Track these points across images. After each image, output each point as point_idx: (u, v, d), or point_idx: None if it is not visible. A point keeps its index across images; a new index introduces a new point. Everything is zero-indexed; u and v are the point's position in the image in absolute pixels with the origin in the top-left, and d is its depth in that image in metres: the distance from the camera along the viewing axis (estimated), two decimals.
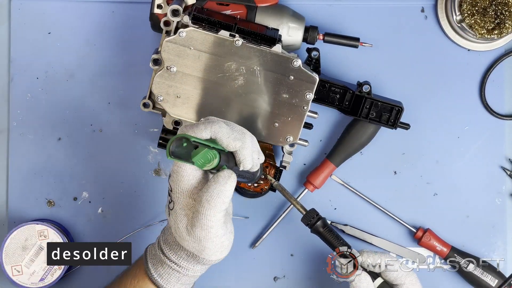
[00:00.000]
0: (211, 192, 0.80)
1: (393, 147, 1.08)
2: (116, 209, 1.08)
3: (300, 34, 1.00)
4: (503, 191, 1.08)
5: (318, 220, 0.92)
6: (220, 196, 0.80)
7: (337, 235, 0.93)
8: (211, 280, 1.08)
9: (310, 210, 0.93)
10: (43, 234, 1.02)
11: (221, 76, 0.95)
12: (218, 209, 0.80)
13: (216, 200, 0.80)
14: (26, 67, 1.08)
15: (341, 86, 1.00)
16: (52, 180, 1.08)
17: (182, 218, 0.82)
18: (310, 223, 0.93)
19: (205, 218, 0.80)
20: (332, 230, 0.93)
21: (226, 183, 0.80)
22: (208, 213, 0.80)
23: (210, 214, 0.80)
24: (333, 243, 0.92)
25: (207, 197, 0.80)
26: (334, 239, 0.92)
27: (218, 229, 0.81)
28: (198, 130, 0.81)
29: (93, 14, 1.07)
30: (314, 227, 0.93)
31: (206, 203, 0.80)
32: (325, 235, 0.92)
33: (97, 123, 1.08)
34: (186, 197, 0.82)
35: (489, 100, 1.08)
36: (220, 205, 0.80)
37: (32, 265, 1.02)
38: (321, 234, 0.93)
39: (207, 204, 0.80)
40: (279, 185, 0.95)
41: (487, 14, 1.02)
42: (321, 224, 0.92)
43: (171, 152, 0.78)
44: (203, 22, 0.93)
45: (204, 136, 0.81)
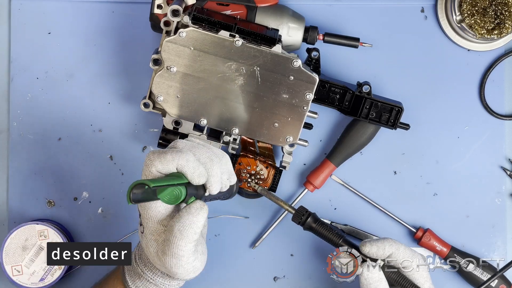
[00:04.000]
0: (183, 223, 0.80)
1: (393, 147, 1.08)
2: (116, 209, 1.08)
3: (300, 34, 1.00)
4: (503, 191, 1.08)
5: (308, 217, 0.93)
6: (192, 227, 0.80)
7: (330, 228, 0.93)
8: (211, 280, 1.08)
9: (299, 208, 0.94)
10: (43, 234, 1.02)
11: (221, 76, 0.95)
12: (189, 239, 0.80)
13: (188, 230, 0.80)
14: (26, 67, 1.08)
15: (341, 86, 1.00)
16: (52, 180, 1.08)
17: (152, 243, 0.83)
18: (301, 221, 0.93)
19: (176, 248, 0.80)
20: (325, 223, 0.93)
21: (198, 214, 0.81)
22: (180, 243, 0.80)
23: (181, 244, 0.80)
24: (328, 237, 0.92)
25: (179, 227, 0.80)
26: (328, 231, 0.92)
27: (189, 257, 0.81)
28: (165, 161, 0.81)
29: (93, 14, 1.07)
30: (306, 224, 0.93)
31: (178, 233, 0.80)
32: (318, 229, 0.93)
33: (97, 123, 1.08)
34: (155, 223, 0.83)
35: (489, 100, 1.08)
36: (192, 235, 0.80)
37: (32, 265, 1.02)
38: (314, 229, 0.93)
39: (179, 234, 0.80)
40: (264, 190, 0.97)
41: (487, 14, 1.02)
42: (312, 220, 0.93)
43: (132, 199, 0.77)
44: (203, 22, 0.93)
45: (171, 168, 0.81)
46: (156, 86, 0.96)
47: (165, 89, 0.96)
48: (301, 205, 0.94)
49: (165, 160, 0.81)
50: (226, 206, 1.07)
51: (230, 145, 1.01)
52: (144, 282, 0.87)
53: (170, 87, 0.96)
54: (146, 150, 1.08)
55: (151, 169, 0.81)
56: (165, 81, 0.95)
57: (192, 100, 0.96)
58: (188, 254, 0.81)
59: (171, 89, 0.96)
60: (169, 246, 0.81)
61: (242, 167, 1.02)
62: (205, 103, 0.96)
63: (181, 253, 0.81)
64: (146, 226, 0.83)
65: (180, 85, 0.95)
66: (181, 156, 0.81)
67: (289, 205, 0.95)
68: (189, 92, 0.96)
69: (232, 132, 0.98)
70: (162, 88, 0.96)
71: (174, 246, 0.80)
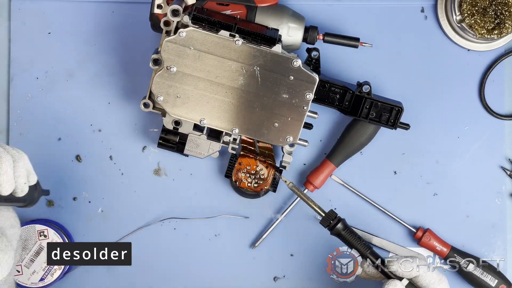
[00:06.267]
0: None
1: (393, 147, 1.08)
2: (116, 209, 1.08)
3: (300, 34, 1.00)
4: (503, 191, 1.08)
5: (338, 222, 0.90)
6: None
7: (358, 237, 0.90)
8: (211, 280, 1.08)
9: (329, 212, 0.92)
10: (43, 234, 1.02)
11: (221, 76, 0.95)
12: None
13: None
14: (26, 67, 1.08)
15: (341, 86, 1.00)
16: (52, 180, 1.08)
17: None
18: (329, 226, 0.91)
19: None
20: (353, 231, 0.90)
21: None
22: None
23: None
24: (356, 246, 0.90)
25: None
26: (357, 241, 0.90)
27: None
28: None
29: (93, 14, 1.07)
30: (335, 230, 0.90)
31: None
32: (346, 237, 0.90)
33: (97, 123, 1.08)
34: None
35: (489, 100, 1.08)
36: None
37: (32, 265, 1.02)
38: (342, 236, 0.90)
39: None
40: (295, 187, 0.93)
41: (487, 14, 1.02)
42: (341, 227, 0.90)
43: None
44: (203, 22, 0.93)
45: None
46: (156, 86, 0.96)
47: (165, 89, 0.96)
48: (331, 209, 0.92)
49: None
50: (226, 206, 1.07)
51: (230, 145, 1.01)
52: None
53: (170, 87, 0.96)
54: (146, 150, 1.08)
55: None
56: (165, 81, 0.95)
57: (192, 100, 0.96)
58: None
59: (171, 89, 0.96)
60: None
61: (242, 167, 1.02)
62: (205, 103, 0.96)
63: None
64: None
65: (180, 85, 0.95)
66: None
67: (318, 206, 0.92)
68: (189, 92, 0.96)
69: (232, 132, 0.98)
70: (162, 88, 0.96)
71: None
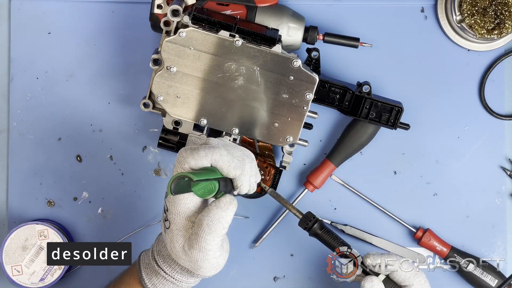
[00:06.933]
0: (212, 217, 0.80)
1: (393, 147, 1.08)
2: (116, 209, 1.08)
3: (300, 34, 1.00)
4: (503, 191, 1.08)
5: (315, 223, 0.93)
6: (221, 222, 0.80)
7: (335, 236, 0.93)
8: (211, 280, 1.08)
9: (306, 214, 0.94)
10: (43, 234, 1.02)
11: (221, 76, 0.95)
12: (218, 234, 0.80)
13: (217, 225, 0.80)
14: (26, 67, 1.08)
15: (341, 86, 1.00)
16: (52, 180, 1.08)
17: (179, 238, 0.82)
18: (307, 227, 0.93)
19: (204, 242, 0.80)
20: (330, 231, 0.93)
21: (227, 208, 0.81)
22: (208, 237, 0.80)
23: (209, 239, 0.80)
24: (333, 244, 0.92)
25: (208, 221, 0.80)
26: (333, 240, 0.92)
27: (215, 251, 0.82)
28: (198, 157, 0.81)
29: (93, 14, 1.07)
30: (312, 230, 0.93)
31: (206, 227, 0.80)
32: (323, 236, 0.93)
33: (97, 123, 1.08)
34: (183, 219, 0.82)
35: (489, 100, 1.08)
36: (221, 230, 0.81)
37: (32, 265, 1.02)
38: (320, 236, 0.93)
39: (207, 228, 0.80)
40: (273, 192, 0.96)
41: (487, 14, 1.02)
42: (318, 227, 0.93)
43: (173, 191, 0.79)
44: (203, 22, 0.93)
45: (204, 163, 0.81)
46: (156, 86, 0.96)
47: (165, 89, 0.96)
48: (309, 211, 0.94)
49: (198, 156, 0.81)
50: None
51: None
52: (160, 279, 0.86)
53: (170, 87, 0.96)
54: (146, 150, 1.08)
55: (184, 165, 0.81)
56: (165, 81, 0.95)
57: (192, 100, 0.96)
58: (215, 248, 0.81)
59: (171, 89, 0.96)
60: (197, 240, 0.80)
61: None
62: (205, 103, 0.96)
63: (208, 247, 0.81)
64: (174, 221, 0.82)
65: (180, 85, 0.95)
66: (214, 151, 0.82)
67: (296, 209, 0.94)
68: (189, 92, 0.96)
69: (232, 132, 0.98)
70: (162, 88, 0.96)
71: (202, 240, 0.80)
